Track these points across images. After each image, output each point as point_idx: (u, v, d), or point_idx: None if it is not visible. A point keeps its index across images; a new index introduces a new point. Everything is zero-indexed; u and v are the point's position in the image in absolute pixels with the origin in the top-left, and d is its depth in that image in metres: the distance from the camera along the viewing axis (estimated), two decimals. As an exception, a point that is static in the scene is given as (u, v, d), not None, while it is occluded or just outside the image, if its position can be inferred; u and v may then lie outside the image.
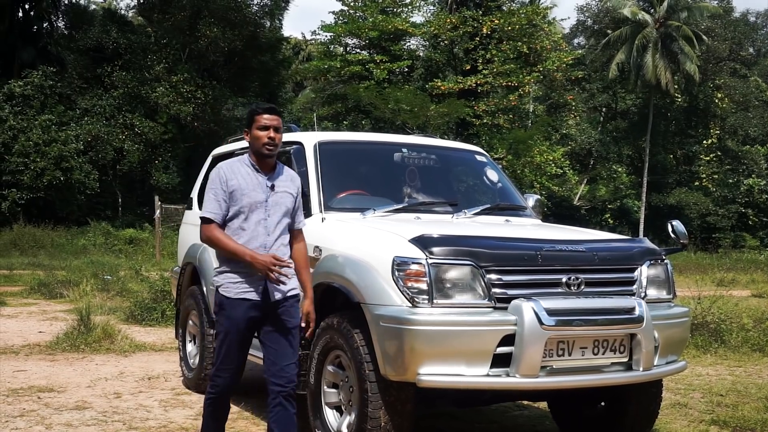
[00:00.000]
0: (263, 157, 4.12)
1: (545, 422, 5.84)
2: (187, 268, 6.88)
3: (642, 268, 4.63)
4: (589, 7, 44.21)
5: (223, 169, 4.16)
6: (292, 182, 4.24)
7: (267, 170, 4.15)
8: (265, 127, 4.11)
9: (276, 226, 4.10)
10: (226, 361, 4.12)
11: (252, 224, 4.06)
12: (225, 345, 4.09)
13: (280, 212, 4.12)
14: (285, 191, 4.16)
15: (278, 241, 4.10)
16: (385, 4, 32.34)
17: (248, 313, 4.03)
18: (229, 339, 4.07)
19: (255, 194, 4.08)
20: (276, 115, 4.18)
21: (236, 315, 4.03)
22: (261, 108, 4.20)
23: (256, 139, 4.12)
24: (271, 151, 4.11)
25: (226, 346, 4.09)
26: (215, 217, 4.07)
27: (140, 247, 25.12)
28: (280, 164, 4.26)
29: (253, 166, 4.15)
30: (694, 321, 9.36)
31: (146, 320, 10.50)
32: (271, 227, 4.08)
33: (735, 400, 6.52)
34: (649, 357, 4.42)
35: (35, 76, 28.80)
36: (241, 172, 4.12)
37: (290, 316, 4.10)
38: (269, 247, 4.05)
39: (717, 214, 39.71)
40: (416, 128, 27.28)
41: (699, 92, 40.74)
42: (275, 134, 4.12)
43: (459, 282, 4.20)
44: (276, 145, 4.12)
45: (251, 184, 4.10)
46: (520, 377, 4.12)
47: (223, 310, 4.09)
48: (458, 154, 6.26)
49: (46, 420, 5.57)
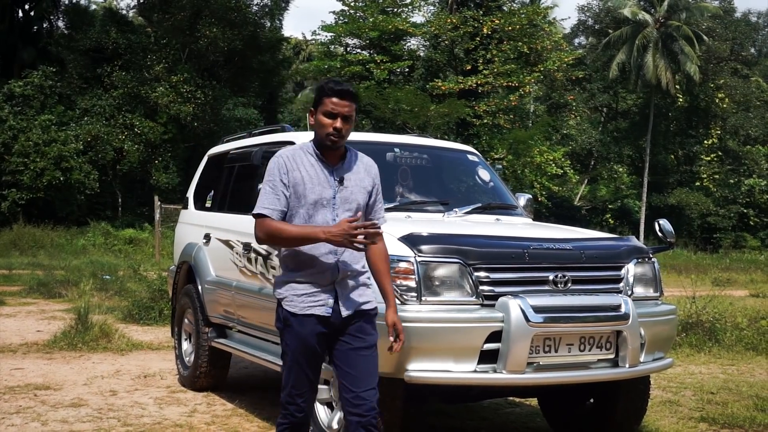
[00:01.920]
0: (327, 149, 3.52)
1: (536, 419, 5.89)
2: (182, 267, 6.94)
3: (629, 266, 4.69)
4: (590, 7, 44.27)
5: (282, 157, 3.54)
6: (366, 173, 3.60)
7: (335, 161, 3.54)
8: (332, 114, 3.46)
9: None
10: (298, 385, 3.55)
11: (318, 226, 3.46)
12: (295, 367, 3.53)
13: (351, 211, 3.51)
14: (357, 185, 3.55)
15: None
16: (385, 4, 32.38)
17: (317, 329, 3.47)
18: (299, 360, 3.51)
19: (320, 189, 3.48)
20: (349, 100, 3.47)
21: (304, 332, 3.48)
22: (332, 89, 3.49)
23: (320, 126, 3.49)
24: (335, 143, 3.48)
25: (297, 368, 3.53)
26: (272, 214, 3.47)
27: (140, 247, 25.18)
28: (351, 151, 3.62)
29: (317, 155, 3.54)
30: (689, 320, 9.42)
31: (144, 319, 10.56)
32: None
33: (725, 397, 6.57)
34: (636, 354, 4.47)
35: (35, 76, 28.86)
36: (304, 162, 3.52)
37: (366, 333, 3.52)
38: (339, 254, 3.47)
39: (718, 215, 39.74)
40: (416, 128, 27.34)
41: (700, 92, 40.77)
42: (343, 124, 3.46)
43: (447, 280, 4.25)
44: (342, 137, 3.48)
45: (315, 177, 3.49)
46: (506, 373, 4.18)
47: (288, 328, 3.52)
48: (450, 154, 6.31)
49: (42, 417, 5.63)
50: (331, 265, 3.47)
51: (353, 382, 3.47)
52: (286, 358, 3.56)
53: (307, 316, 3.46)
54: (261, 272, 5.50)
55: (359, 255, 3.53)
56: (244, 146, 6.52)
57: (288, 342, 3.54)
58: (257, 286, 5.54)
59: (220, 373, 6.60)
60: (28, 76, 28.91)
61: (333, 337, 3.51)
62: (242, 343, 5.95)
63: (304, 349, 3.50)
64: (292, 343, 3.52)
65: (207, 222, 6.66)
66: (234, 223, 6.09)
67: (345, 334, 3.50)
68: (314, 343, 3.48)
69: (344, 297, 3.49)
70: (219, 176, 6.80)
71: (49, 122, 27.94)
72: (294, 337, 3.50)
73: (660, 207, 38.84)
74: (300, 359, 3.51)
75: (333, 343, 3.52)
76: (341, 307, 3.47)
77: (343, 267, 3.49)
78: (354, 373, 3.48)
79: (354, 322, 3.50)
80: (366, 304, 3.54)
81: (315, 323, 3.47)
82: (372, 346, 3.53)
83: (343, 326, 3.50)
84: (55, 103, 29.21)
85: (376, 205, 3.65)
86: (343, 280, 3.50)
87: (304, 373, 3.53)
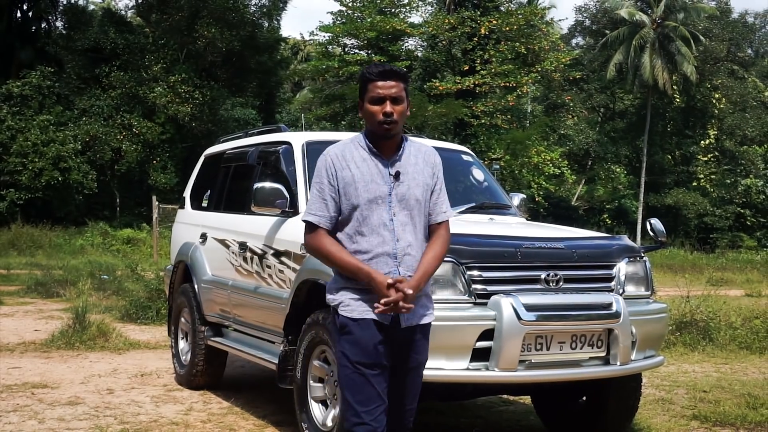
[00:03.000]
0: (382, 138, 3.19)
1: (529, 417, 5.94)
2: (179, 266, 6.99)
3: (620, 265, 4.74)
4: (587, 8, 44.34)
5: (331, 156, 3.21)
6: (425, 163, 3.25)
7: (389, 153, 3.20)
8: (380, 99, 3.13)
9: (405, 228, 3.17)
10: (366, 402, 3.11)
11: (373, 227, 3.14)
12: (358, 378, 3.12)
13: (408, 209, 3.18)
14: (415, 178, 3.20)
15: (411, 247, 3.17)
16: (383, 5, 32.41)
17: (379, 337, 3.13)
18: (361, 370, 3.11)
19: (374, 186, 3.15)
20: (395, 79, 3.15)
21: (366, 337, 3.12)
22: (373, 72, 3.17)
23: (369, 115, 3.16)
24: (389, 131, 3.14)
25: (361, 380, 3.11)
26: (320, 222, 3.18)
27: (138, 247, 25.20)
28: (407, 139, 3.27)
29: (369, 148, 3.20)
30: (683, 319, 9.47)
31: (141, 319, 10.60)
32: (398, 230, 3.15)
33: (718, 396, 6.62)
34: (627, 352, 4.52)
35: (33, 77, 28.89)
36: (355, 158, 3.19)
37: (418, 351, 3.24)
38: (400, 257, 3.15)
39: (714, 215, 39.80)
40: (414, 128, 27.37)
41: (696, 93, 40.85)
42: (394, 107, 3.13)
43: (440, 278, 4.29)
44: (396, 122, 3.14)
45: (368, 173, 3.16)
46: (499, 371, 4.23)
47: (348, 335, 3.15)
48: (444, 154, 6.25)
49: (39, 415, 5.67)
50: (391, 272, 3.13)
51: (397, 399, 3.23)
52: (346, 372, 3.14)
53: (367, 321, 3.12)
54: (257, 271, 5.55)
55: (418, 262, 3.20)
56: (240, 146, 6.58)
57: (347, 351, 3.14)
58: (253, 285, 5.59)
59: (216, 372, 6.65)
60: (26, 77, 28.94)
61: (392, 348, 3.17)
62: (238, 342, 6.01)
63: (367, 357, 3.11)
64: (352, 351, 3.13)
65: (203, 221, 6.71)
66: (230, 222, 6.14)
67: (402, 348, 3.19)
68: (377, 350, 3.12)
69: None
70: (215, 176, 6.85)
71: (47, 122, 27.98)
72: (354, 345, 3.13)
73: (657, 207, 38.91)
74: (363, 369, 3.11)
75: (391, 355, 3.19)
76: (401, 316, 3.14)
77: (405, 273, 3.14)
78: (400, 391, 3.23)
79: (412, 336, 3.20)
80: (427, 317, 3.26)
81: (376, 329, 3.12)
82: (422, 364, 3.29)
83: (403, 339, 3.18)
84: (53, 104, 29.25)
85: (438, 197, 3.26)
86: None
87: (370, 385, 3.11)
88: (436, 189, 3.27)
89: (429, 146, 3.35)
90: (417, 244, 3.20)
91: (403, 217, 3.17)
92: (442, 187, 3.30)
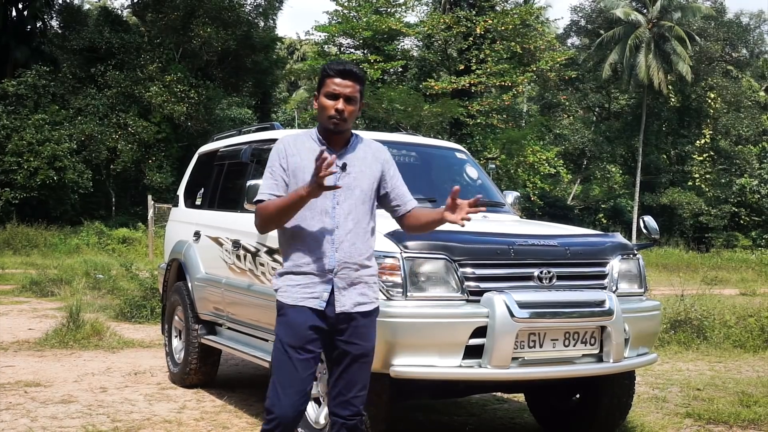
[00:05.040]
0: (331, 132, 3.35)
1: (523, 415, 5.94)
2: (173, 265, 6.98)
3: (613, 263, 4.74)
4: (583, 8, 44.36)
5: (284, 143, 3.40)
6: (373, 158, 3.41)
7: (338, 147, 3.37)
8: (334, 96, 3.29)
9: (347, 217, 3.30)
10: (285, 383, 3.26)
11: (315, 213, 3.28)
12: (284, 359, 3.28)
13: (355, 197, 3.32)
14: (362, 171, 3.36)
15: (351, 234, 3.31)
16: (378, 4, 32.42)
17: (311, 322, 3.27)
18: (288, 353, 3.26)
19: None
20: (352, 80, 3.31)
21: (297, 323, 3.27)
22: (334, 69, 3.33)
23: (322, 108, 3.33)
24: (337, 126, 3.30)
25: (285, 362, 3.27)
26: (269, 198, 3.32)
27: (133, 247, 25.15)
28: (357, 136, 3.46)
29: (320, 141, 3.38)
30: (678, 318, 9.48)
31: (135, 317, 10.58)
32: (340, 218, 3.29)
33: (712, 394, 6.62)
34: (620, 349, 4.52)
35: (29, 76, 28.84)
36: (306, 147, 3.36)
37: (364, 339, 3.34)
38: (338, 244, 3.28)
39: (710, 214, 39.87)
40: (410, 128, 27.37)
41: (692, 92, 40.91)
42: (346, 105, 3.29)
43: (433, 275, 4.30)
44: (345, 119, 3.30)
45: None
46: (491, 368, 4.22)
47: (283, 317, 3.33)
48: (438, 152, 6.36)
49: (32, 413, 5.66)
50: (328, 257, 3.27)
51: (345, 386, 3.35)
52: (276, 354, 3.32)
53: (301, 308, 3.28)
54: (250, 269, 5.54)
55: (362, 248, 3.33)
56: (233, 144, 6.56)
57: (279, 334, 3.32)
58: (246, 282, 5.58)
59: (209, 370, 6.63)
60: (21, 76, 28.90)
61: (330, 335, 3.31)
62: (232, 340, 5.99)
63: (296, 342, 3.26)
64: (284, 334, 3.29)
65: (197, 219, 6.70)
66: (224, 220, 6.13)
67: (343, 335, 3.31)
68: (307, 335, 3.26)
69: (341, 291, 3.29)
70: (209, 174, 6.83)
71: (42, 121, 27.92)
72: (286, 328, 3.30)
73: (652, 206, 38.96)
74: (290, 352, 3.26)
75: (330, 342, 3.33)
76: (336, 302, 3.27)
77: (342, 259, 3.28)
78: (347, 378, 3.35)
79: (352, 323, 3.31)
80: (365, 305, 3.34)
81: (309, 315, 3.27)
82: (369, 352, 3.37)
83: (339, 325, 3.30)
84: (48, 103, 29.19)
85: (399, 189, 3.46)
86: (342, 273, 3.29)
87: (294, 370, 3.25)
88: (395, 183, 3.47)
89: (378, 143, 3.52)
90: (357, 232, 3.33)
91: (347, 206, 3.31)
92: (400, 179, 3.50)
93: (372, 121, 30.04)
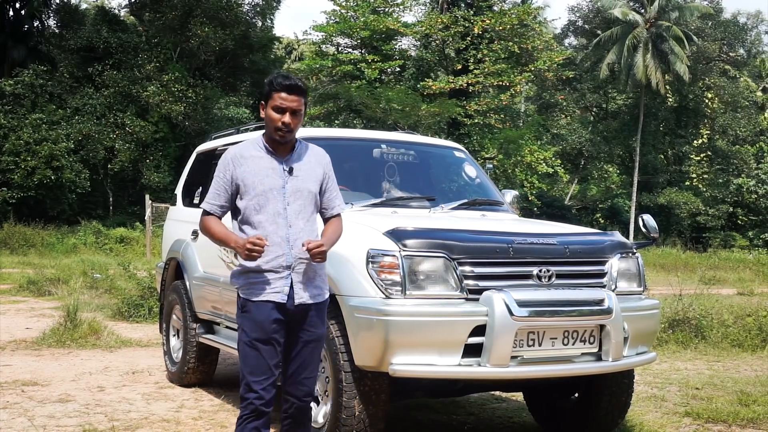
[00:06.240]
0: (276, 142, 3.62)
1: (522, 414, 5.93)
2: (171, 264, 6.96)
3: (613, 261, 4.72)
4: (580, 8, 44.39)
5: (231, 155, 3.63)
6: (317, 162, 3.69)
7: (284, 153, 3.63)
8: (280, 109, 3.54)
9: (298, 216, 3.58)
10: (257, 372, 3.53)
11: (269, 216, 3.54)
12: (252, 352, 3.55)
13: (303, 199, 3.60)
14: (308, 173, 3.64)
15: (303, 232, 3.58)
16: (376, 4, 32.40)
17: (274, 315, 3.55)
18: (256, 345, 3.54)
19: (269, 180, 3.56)
20: (297, 94, 3.55)
21: (262, 317, 3.54)
22: (280, 83, 3.56)
23: (270, 120, 3.57)
24: (283, 137, 3.57)
25: (255, 354, 3.54)
26: (213, 209, 3.66)
27: (131, 246, 25.15)
28: (301, 142, 3.71)
29: (266, 148, 3.62)
30: (676, 317, 9.48)
31: (133, 317, 10.57)
32: (292, 218, 3.56)
33: (710, 393, 6.62)
34: (619, 348, 4.50)
35: (26, 75, 28.80)
36: (253, 155, 3.61)
37: (315, 326, 3.66)
38: (292, 242, 3.55)
39: (707, 214, 39.91)
40: (407, 128, 27.35)
41: (689, 92, 40.94)
42: (292, 119, 3.55)
43: (432, 274, 4.28)
44: (291, 131, 3.57)
45: (264, 169, 3.58)
46: (490, 367, 4.20)
47: (247, 314, 3.58)
48: (437, 150, 6.35)
49: (29, 412, 5.64)
50: (285, 255, 3.55)
51: (298, 368, 3.66)
52: (244, 346, 3.58)
53: (263, 302, 3.55)
54: (248, 268, 5.51)
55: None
56: (231, 143, 6.53)
57: (245, 329, 3.59)
58: (244, 281, 5.55)
59: (207, 369, 6.62)
60: (18, 75, 28.86)
61: (288, 325, 3.60)
62: (230, 339, 5.96)
63: (262, 335, 3.54)
64: (250, 329, 3.56)
65: (195, 218, 6.59)
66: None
67: (298, 324, 3.62)
68: (271, 328, 3.55)
69: (299, 285, 3.58)
70: (207, 173, 6.79)
71: (39, 121, 27.89)
72: (253, 323, 3.56)
73: (650, 206, 38.99)
74: (258, 345, 3.54)
75: (287, 331, 3.62)
76: (295, 295, 3.57)
77: (297, 255, 3.57)
78: (299, 361, 3.65)
79: (309, 313, 3.63)
80: (319, 296, 3.66)
81: (272, 309, 3.55)
82: (320, 338, 3.70)
83: (298, 315, 3.60)
84: (46, 102, 29.16)
85: (331, 194, 3.74)
86: (298, 268, 3.58)
87: (262, 360, 3.54)
88: (329, 187, 3.74)
89: (320, 148, 3.78)
90: (308, 230, 3.62)
91: (297, 207, 3.59)
92: (335, 183, 3.78)
93: (369, 121, 30.02)
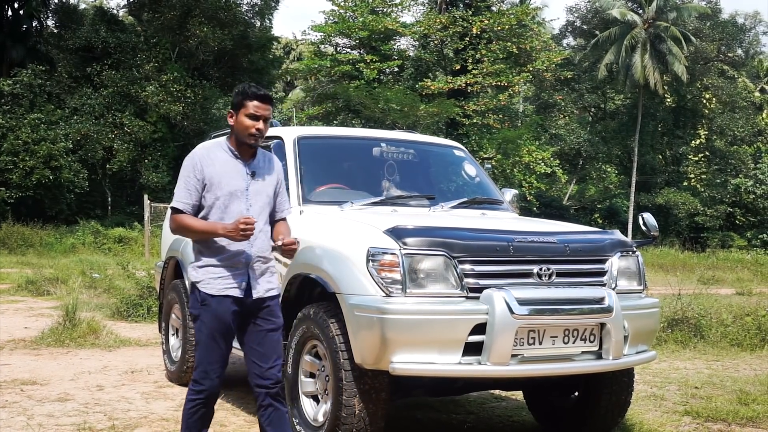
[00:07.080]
0: (244, 146, 3.86)
1: (522, 413, 5.93)
2: (170, 262, 6.95)
3: (613, 260, 4.72)
4: (578, 8, 44.41)
5: (197, 155, 3.87)
6: (273, 168, 3.99)
7: (247, 157, 3.89)
8: (254, 117, 3.81)
9: (258, 217, 3.84)
10: (213, 360, 3.84)
11: (233, 215, 3.78)
12: (211, 344, 3.82)
13: (262, 201, 3.89)
14: (267, 177, 3.93)
15: (262, 232, 3.87)
16: (375, 4, 32.42)
17: (232, 308, 3.81)
18: (215, 337, 3.81)
19: (234, 182, 3.82)
20: (268, 103, 3.86)
21: (221, 311, 3.79)
22: (254, 93, 3.84)
23: (242, 127, 3.82)
24: (256, 143, 3.85)
25: (213, 345, 3.82)
26: (184, 207, 3.82)
27: (129, 246, 25.12)
28: (259, 149, 3.99)
29: (231, 151, 3.88)
30: (675, 317, 9.48)
31: (132, 316, 10.56)
32: (254, 217, 3.78)
33: (710, 392, 6.63)
34: (619, 346, 4.50)
35: (24, 75, 28.75)
36: (219, 158, 3.86)
37: (274, 316, 3.91)
38: (253, 240, 3.81)
39: (705, 214, 39.93)
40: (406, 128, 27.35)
41: (687, 93, 40.97)
42: (264, 125, 3.84)
43: (432, 272, 4.27)
44: (263, 136, 3.86)
45: (230, 171, 3.83)
46: (491, 365, 4.19)
47: (206, 306, 3.81)
48: (437, 149, 6.35)
49: (28, 411, 5.62)
50: (244, 252, 3.82)
51: (261, 359, 3.88)
52: (203, 336, 3.84)
53: (223, 297, 3.80)
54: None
55: (267, 244, 3.89)
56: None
57: (205, 321, 3.83)
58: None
59: (207, 368, 6.60)
60: (17, 75, 28.80)
61: (244, 318, 3.86)
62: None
63: (220, 327, 3.81)
64: (210, 321, 3.81)
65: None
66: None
67: (256, 316, 3.87)
68: (230, 320, 3.82)
69: (255, 280, 3.84)
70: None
71: (38, 121, 27.84)
72: (211, 316, 3.80)
73: (648, 207, 39.00)
74: (216, 336, 3.82)
75: (244, 324, 3.88)
76: (252, 290, 3.83)
77: (255, 253, 3.84)
78: (262, 351, 3.87)
79: (263, 305, 3.87)
80: (273, 290, 3.92)
81: (230, 303, 3.81)
82: (279, 327, 3.93)
83: (253, 308, 3.86)
84: (44, 102, 29.12)
85: (282, 197, 4.03)
86: (255, 265, 3.85)
87: (219, 349, 3.85)
88: (281, 191, 4.03)
89: (273, 155, 4.10)
90: (265, 230, 3.92)
91: (258, 208, 3.87)
92: (284, 188, 4.07)
93: (368, 121, 30.03)
